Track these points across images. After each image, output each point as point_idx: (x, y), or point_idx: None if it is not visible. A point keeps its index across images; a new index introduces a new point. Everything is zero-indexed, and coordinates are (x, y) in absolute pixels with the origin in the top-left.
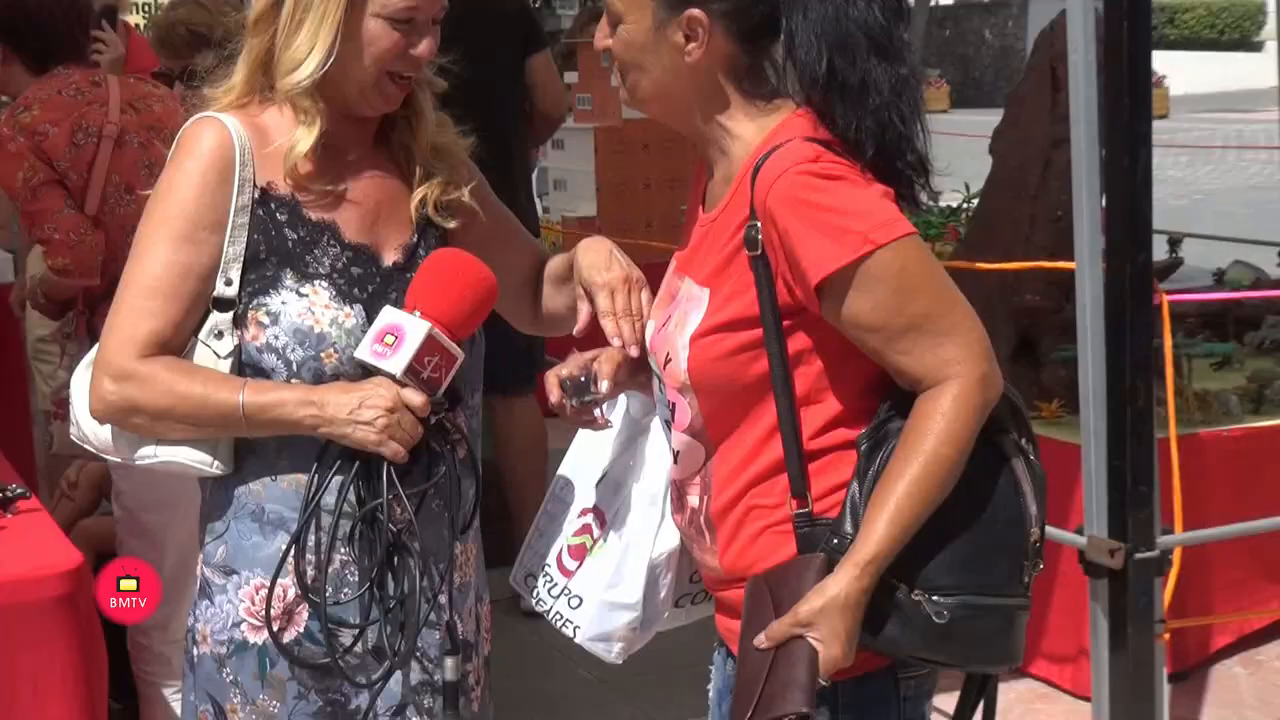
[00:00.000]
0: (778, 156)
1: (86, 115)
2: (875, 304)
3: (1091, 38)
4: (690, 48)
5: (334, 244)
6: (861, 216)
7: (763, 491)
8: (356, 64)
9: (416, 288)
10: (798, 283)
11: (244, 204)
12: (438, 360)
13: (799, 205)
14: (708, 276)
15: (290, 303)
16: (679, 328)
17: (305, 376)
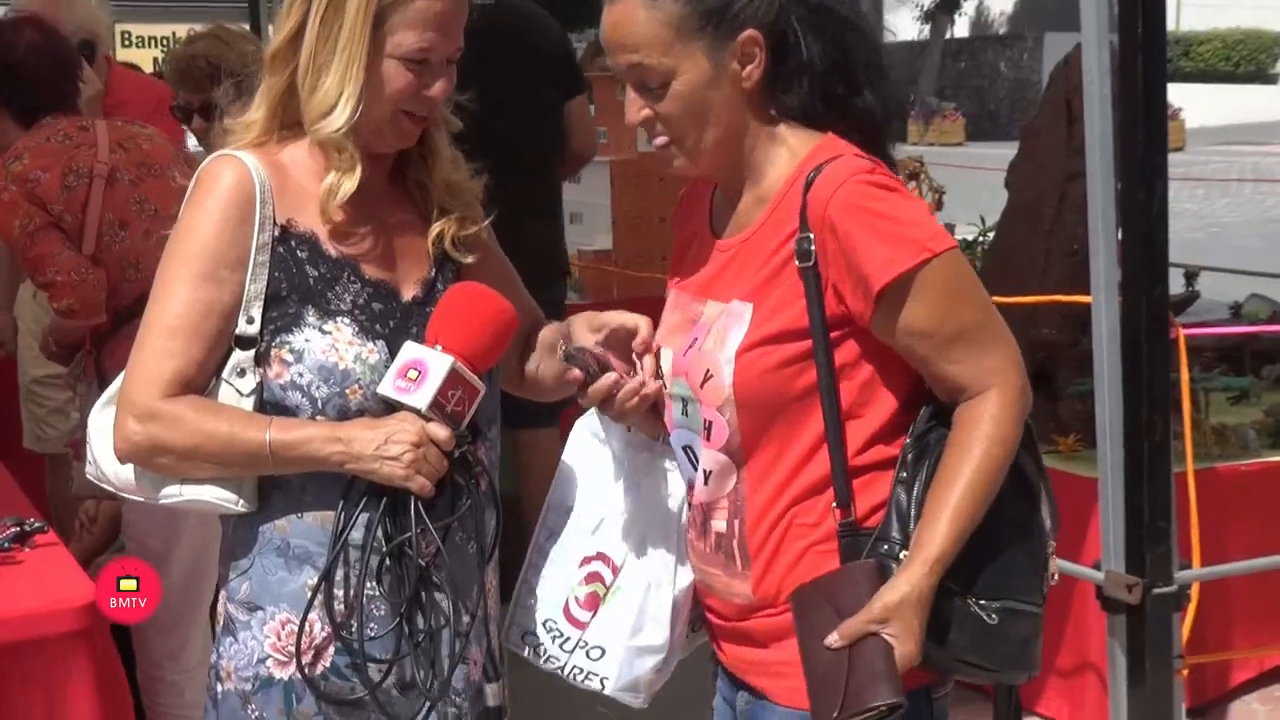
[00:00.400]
0: (833, 169)
1: (76, 157)
2: (930, 311)
3: (1107, 71)
4: (749, 70)
5: (354, 280)
6: (917, 226)
7: (805, 510)
8: (373, 104)
9: (437, 322)
10: (856, 290)
11: (264, 242)
12: (461, 394)
13: (862, 213)
14: (750, 292)
15: (313, 340)
16: (718, 344)
17: (330, 413)
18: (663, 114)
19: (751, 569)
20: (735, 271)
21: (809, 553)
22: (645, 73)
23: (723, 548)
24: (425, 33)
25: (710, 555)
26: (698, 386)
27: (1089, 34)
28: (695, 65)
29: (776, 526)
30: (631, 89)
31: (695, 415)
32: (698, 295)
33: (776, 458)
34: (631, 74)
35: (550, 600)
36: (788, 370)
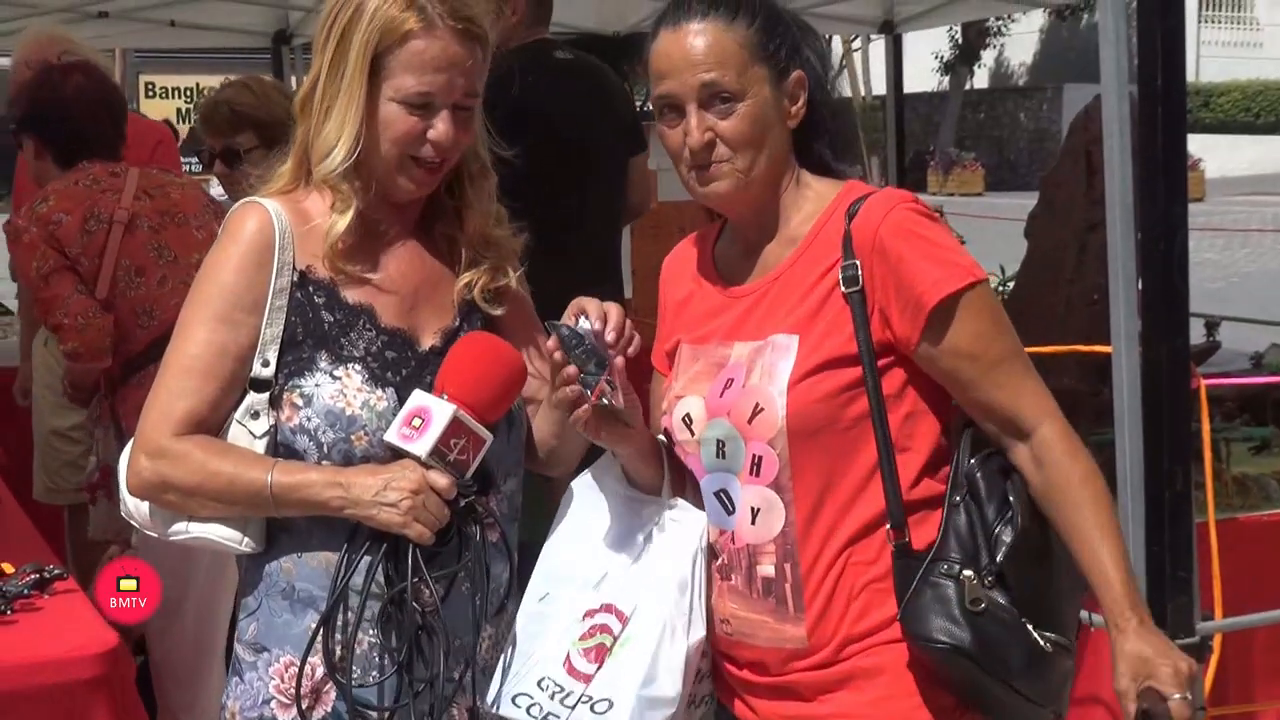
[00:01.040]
0: (878, 200)
1: (99, 203)
2: (976, 332)
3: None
4: (795, 110)
5: (369, 328)
6: (961, 254)
7: (862, 548)
8: (378, 148)
9: (445, 371)
10: (905, 311)
11: (282, 286)
12: (464, 443)
13: (912, 237)
14: (794, 324)
15: (323, 385)
16: (767, 378)
17: (335, 458)
18: (728, 132)
19: (806, 613)
20: (766, 310)
21: (867, 590)
22: (719, 91)
23: (773, 592)
24: (424, 75)
25: (759, 602)
26: (745, 422)
27: (1108, 85)
28: (761, 90)
29: (834, 567)
30: (696, 110)
31: (737, 453)
32: (722, 341)
33: (827, 491)
34: (703, 92)
35: (546, 658)
36: (840, 398)
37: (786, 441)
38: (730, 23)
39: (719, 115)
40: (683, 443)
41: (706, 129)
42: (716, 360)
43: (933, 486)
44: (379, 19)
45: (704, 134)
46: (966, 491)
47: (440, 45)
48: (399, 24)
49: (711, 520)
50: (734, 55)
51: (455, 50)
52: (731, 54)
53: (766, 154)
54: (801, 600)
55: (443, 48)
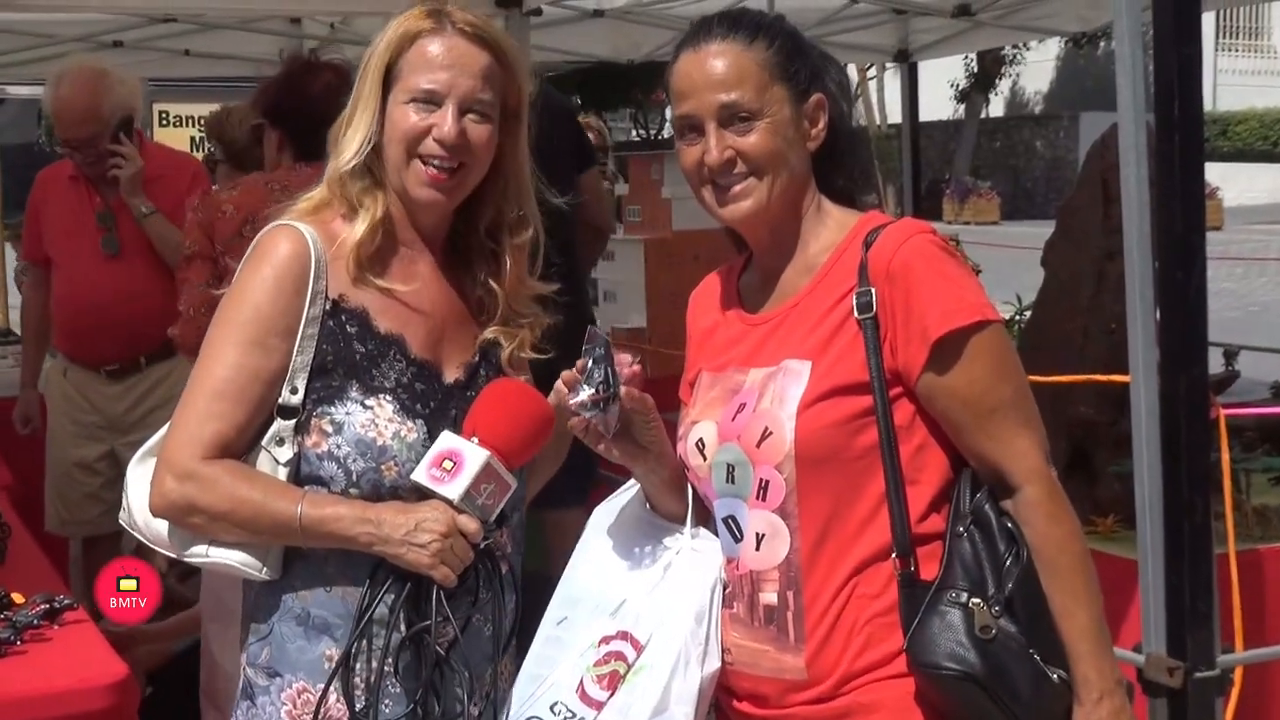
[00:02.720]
0: (896, 229)
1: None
2: (973, 378)
3: (1143, 150)
4: (815, 132)
5: (400, 358)
6: (975, 292)
7: (868, 579)
8: (391, 148)
9: (477, 414)
10: (911, 340)
11: (315, 315)
12: (493, 488)
13: (926, 268)
14: (807, 350)
15: (355, 414)
16: (777, 403)
17: (364, 487)
18: (747, 149)
19: (807, 644)
20: (782, 337)
21: (871, 624)
22: (739, 110)
23: (775, 621)
24: (430, 72)
25: (760, 630)
26: (754, 446)
27: (1125, 113)
28: (781, 110)
29: (837, 597)
30: (716, 129)
31: (745, 478)
32: (739, 367)
33: (834, 519)
34: (723, 111)
35: (560, 683)
36: (849, 426)
37: (794, 467)
38: (750, 44)
39: (738, 133)
40: (695, 468)
41: (726, 147)
42: (731, 386)
43: (941, 521)
44: (398, 30)
45: (723, 152)
46: (971, 522)
47: (447, 44)
48: (413, 30)
49: (723, 549)
50: (753, 75)
51: (462, 49)
52: (751, 74)
53: (786, 173)
54: (803, 630)
55: (449, 46)
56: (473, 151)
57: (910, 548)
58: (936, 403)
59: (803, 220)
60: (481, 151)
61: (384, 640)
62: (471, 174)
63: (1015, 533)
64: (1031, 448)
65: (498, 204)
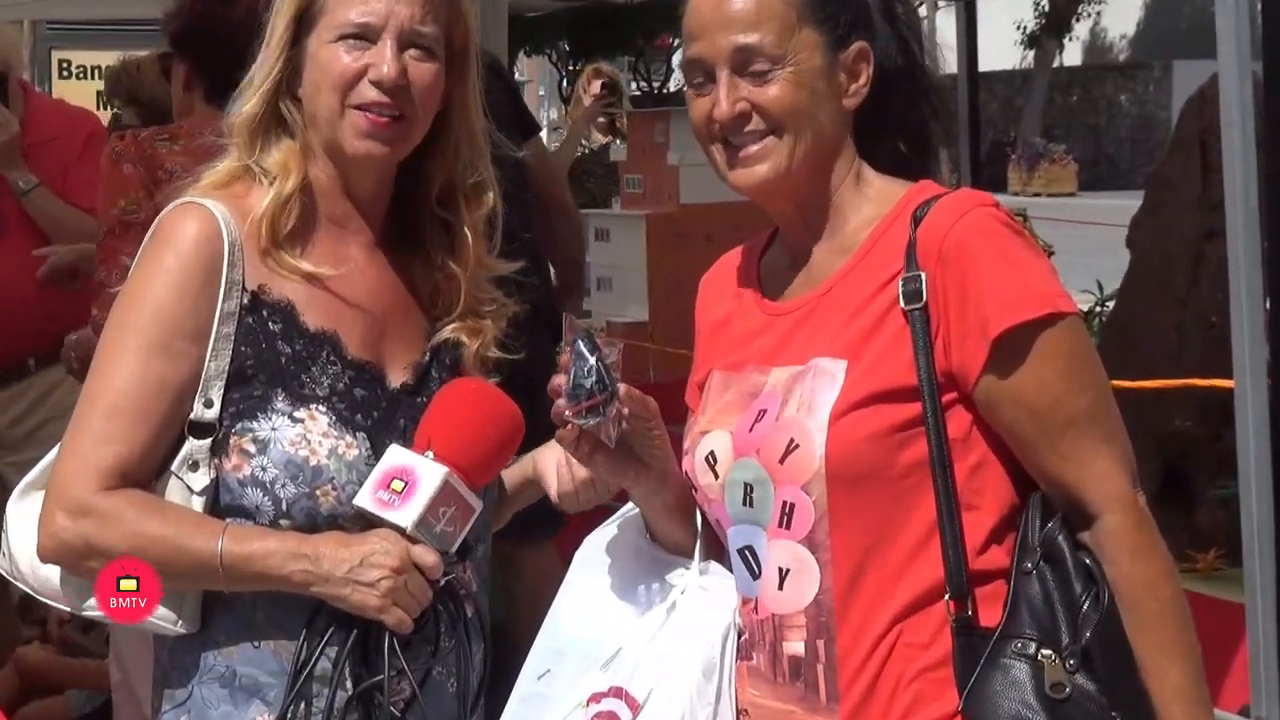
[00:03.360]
0: (951, 201)
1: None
2: (1046, 380)
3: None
4: (854, 88)
5: (334, 360)
6: (1046, 278)
7: (915, 626)
8: (319, 97)
9: (432, 422)
10: (968, 336)
11: (230, 311)
12: (453, 511)
13: (988, 248)
14: (842, 346)
15: (282, 429)
16: (805, 410)
17: (297, 517)
18: (766, 102)
19: (841, 703)
20: (813, 330)
21: (919, 680)
22: (756, 55)
23: (802, 675)
24: (361, 3)
25: (784, 687)
26: (776, 462)
27: (1227, 62)
28: (810, 56)
29: (878, 647)
30: (728, 76)
31: (766, 501)
32: (759, 366)
33: (874, 551)
34: (737, 56)
35: None
36: (893, 439)
37: (825, 487)
38: None
39: (754, 83)
40: (705, 487)
41: (739, 99)
42: (750, 389)
43: (1004, 556)
44: None
45: (735, 104)
46: (1041, 557)
47: None
48: None
49: (738, 586)
50: (777, 14)
51: None
52: (774, 12)
53: (811, 133)
54: (836, 687)
55: None
56: (418, 94)
57: (967, 587)
58: (999, 412)
59: (837, 191)
60: (428, 95)
61: (327, 701)
62: (416, 123)
63: (1095, 571)
64: (1114, 468)
65: (449, 165)
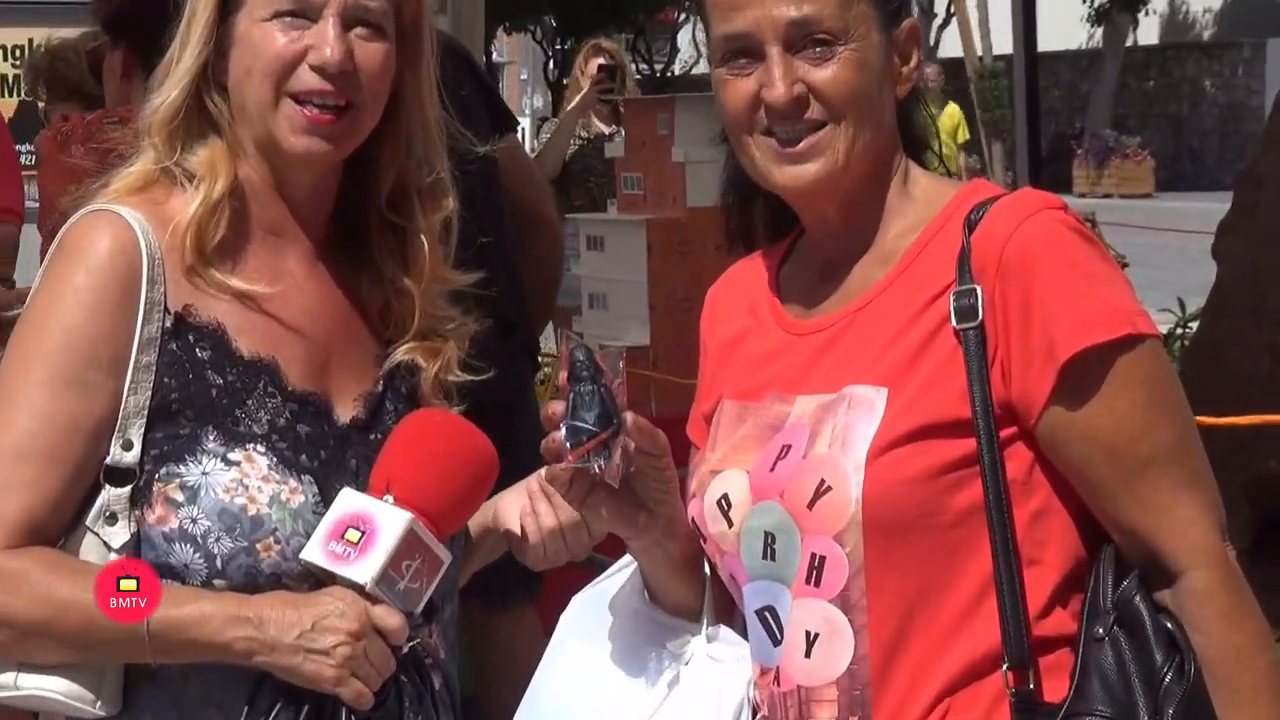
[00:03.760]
0: (1010, 204)
1: None
2: (1118, 415)
3: None
4: (906, 70)
5: (273, 392)
6: (1121, 293)
7: (966, 699)
8: (249, 85)
9: (389, 461)
10: (1032, 360)
11: (152, 336)
12: (419, 565)
13: (1058, 257)
14: (882, 372)
15: (215, 474)
16: (839, 445)
17: (234, 576)
18: (825, 85)
19: None
20: (846, 352)
21: None
22: (815, 29)
23: None
24: None
25: None
26: (803, 506)
27: None
28: (869, 34)
29: None
30: (781, 54)
31: (791, 553)
32: (781, 394)
33: (917, 613)
34: (792, 30)
35: None
36: (942, 481)
37: (861, 537)
38: None
39: (812, 62)
40: (717, 537)
41: (796, 80)
42: (770, 420)
43: (1071, 620)
44: None
45: (793, 86)
46: (1115, 621)
47: None
48: None
49: (751, 652)
50: None
51: None
52: None
53: (871, 124)
54: None
55: None
56: (367, 80)
57: (1028, 656)
58: (1066, 450)
59: (888, 190)
60: (378, 79)
61: None
62: (366, 113)
63: (1177, 637)
64: (1200, 516)
65: (400, 162)
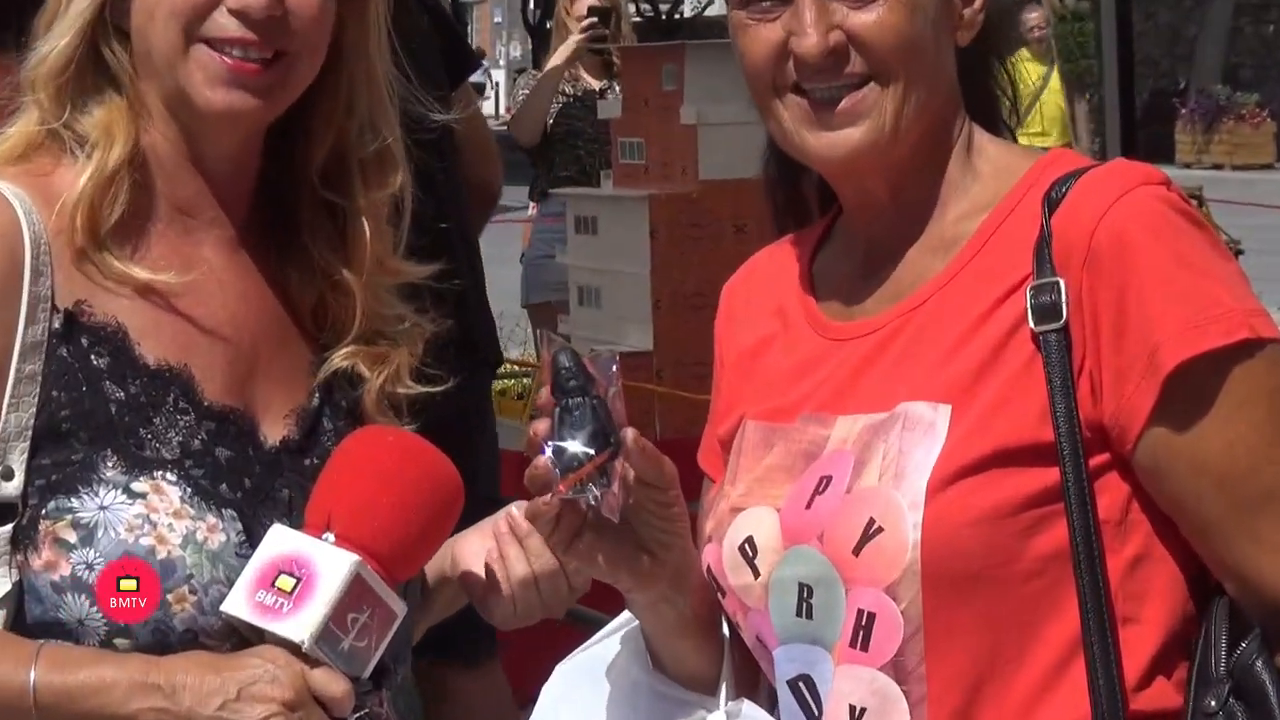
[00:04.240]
0: (1099, 179)
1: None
2: (1234, 438)
3: None
4: (968, 15)
5: (186, 408)
6: (1236, 289)
7: None
8: (153, 30)
9: (331, 492)
10: (1132, 370)
11: (36, 339)
12: (367, 618)
13: (1159, 244)
14: (947, 385)
15: (115, 508)
16: (891, 476)
17: (140, 634)
18: (868, 32)
19: None
20: (899, 360)
21: None
22: None
23: None
24: None
25: None
26: (847, 552)
27: None
28: None
29: None
30: None
31: (832, 608)
32: (817, 413)
33: (989, 684)
34: None
35: None
36: (1019, 520)
37: (920, 590)
38: None
39: (852, 4)
40: (739, 590)
41: (833, 27)
42: (805, 446)
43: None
44: None
45: (828, 35)
46: (1231, 692)
47: None
48: None
49: None
50: None
51: None
52: None
53: (925, 82)
54: None
55: None
56: (301, 25)
57: None
58: (1171, 481)
59: (950, 159)
60: (314, 26)
61: None
62: (301, 64)
63: None
64: None
65: (338, 125)
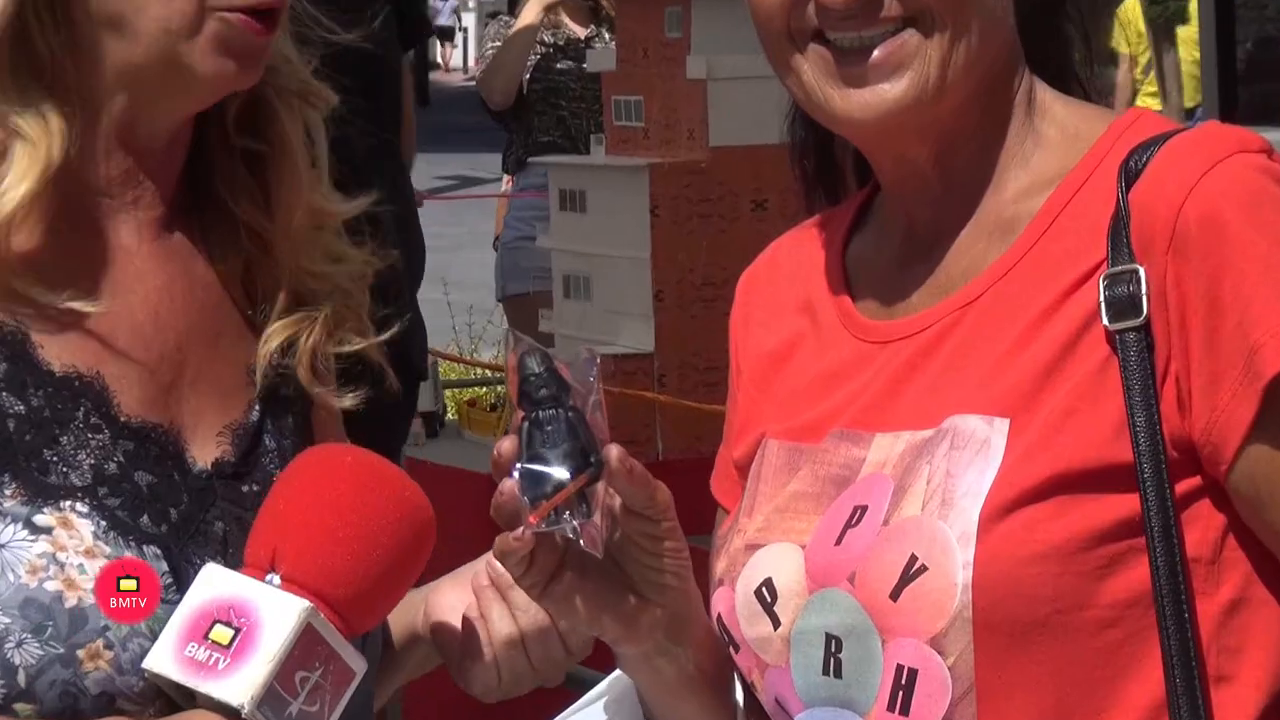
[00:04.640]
0: (1186, 147)
1: None
2: None
3: None
4: None
5: (99, 423)
6: None
7: None
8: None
9: (276, 524)
10: (1226, 376)
11: None
12: (319, 676)
13: (1259, 226)
14: (1004, 396)
15: (14, 546)
16: (940, 505)
17: (47, 698)
18: None
19: None
20: (948, 367)
21: None
22: None
23: None
24: None
25: None
26: (884, 597)
27: None
28: None
29: None
30: None
31: (865, 665)
32: (851, 429)
33: None
34: None
35: None
36: (1091, 557)
37: (971, 641)
38: None
39: None
40: (755, 642)
41: None
42: (836, 469)
43: None
44: None
45: None
46: None
47: None
48: None
49: None
50: None
51: None
52: None
53: (979, 28)
54: None
55: None
56: None
57: None
58: (1275, 512)
59: (1006, 123)
60: None
61: None
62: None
63: None
64: None
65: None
